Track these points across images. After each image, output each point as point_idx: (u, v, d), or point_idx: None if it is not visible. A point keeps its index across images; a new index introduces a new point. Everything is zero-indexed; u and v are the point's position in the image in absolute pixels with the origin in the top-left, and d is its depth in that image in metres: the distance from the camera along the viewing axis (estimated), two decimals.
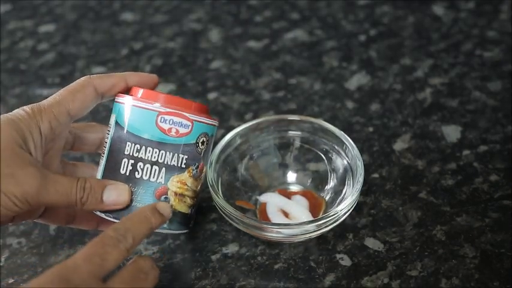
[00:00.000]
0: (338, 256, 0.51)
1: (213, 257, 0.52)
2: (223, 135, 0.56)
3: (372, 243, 0.52)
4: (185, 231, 0.49)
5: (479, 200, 0.55)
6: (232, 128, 0.59)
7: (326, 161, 0.56)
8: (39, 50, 0.79)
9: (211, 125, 0.49)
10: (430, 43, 0.75)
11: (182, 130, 0.47)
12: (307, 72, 0.72)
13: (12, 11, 0.87)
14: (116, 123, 0.47)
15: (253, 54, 0.76)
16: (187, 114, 0.47)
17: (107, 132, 0.48)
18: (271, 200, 0.54)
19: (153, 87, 0.50)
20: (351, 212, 0.51)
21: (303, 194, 0.55)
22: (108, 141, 0.47)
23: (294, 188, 0.57)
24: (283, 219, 0.53)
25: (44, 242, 0.54)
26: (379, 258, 0.51)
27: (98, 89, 0.47)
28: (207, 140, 0.49)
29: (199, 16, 0.83)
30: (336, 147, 0.55)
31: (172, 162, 0.47)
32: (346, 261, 0.51)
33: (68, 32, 0.82)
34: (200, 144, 0.48)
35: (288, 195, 0.55)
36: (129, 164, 0.46)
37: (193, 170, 0.48)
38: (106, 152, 0.47)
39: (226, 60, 0.75)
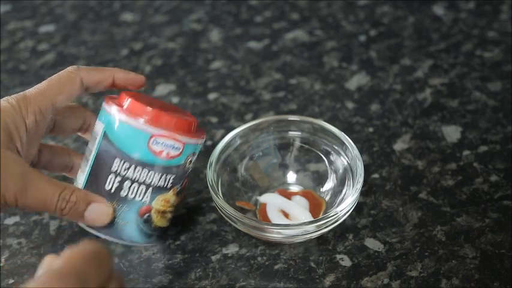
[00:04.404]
0: (338, 256, 0.51)
1: (213, 258, 0.52)
2: (223, 136, 0.56)
3: (372, 243, 0.52)
4: (158, 242, 0.51)
5: (479, 200, 0.55)
6: (232, 128, 0.59)
7: (326, 162, 0.56)
8: (39, 51, 0.79)
9: (200, 143, 0.48)
10: (430, 43, 0.75)
11: (173, 153, 0.46)
12: (308, 72, 0.72)
13: (12, 11, 0.87)
14: (105, 135, 0.45)
15: (253, 55, 0.76)
16: (179, 137, 0.45)
17: (94, 137, 0.46)
18: (271, 201, 0.54)
19: (138, 87, 0.49)
20: (351, 213, 0.51)
21: (303, 194, 0.55)
22: (94, 150, 0.46)
23: (294, 188, 0.57)
24: (283, 220, 0.53)
25: (44, 242, 0.54)
26: (379, 258, 0.51)
27: (84, 83, 0.46)
28: (194, 158, 0.48)
29: (199, 16, 0.83)
30: (336, 147, 0.55)
31: (160, 183, 0.46)
32: (346, 261, 0.51)
33: (68, 32, 0.82)
34: (188, 163, 0.48)
35: (288, 195, 0.55)
36: (116, 181, 0.45)
37: (178, 188, 0.48)
38: (91, 161, 0.46)
39: (226, 60, 0.75)
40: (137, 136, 0.45)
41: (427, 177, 0.58)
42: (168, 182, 0.47)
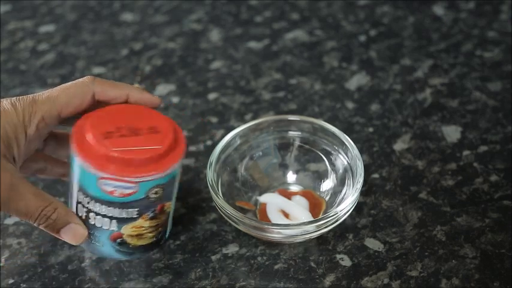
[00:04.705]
0: (338, 256, 0.51)
1: (213, 257, 0.52)
2: (223, 136, 0.56)
3: (372, 243, 0.52)
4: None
5: (479, 200, 0.55)
6: (232, 128, 0.59)
7: (326, 161, 0.56)
8: (39, 51, 0.79)
9: (166, 175, 0.44)
10: (430, 43, 0.75)
11: (127, 191, 0.43)
12: (308, 72, 0.72)
13: (12, 11, 0.87)
14: (71, 165, 0.44)
15: (253, 55, 0.76)
16: (129, 178, 0.42)
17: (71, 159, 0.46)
18: (271, 201, 0.54)
19: (152, 107, 0.48)
20: (351, 212, 0.51)
21: (303, 194, 0.55)
22: (69, 176, 0.45)
23: (294, 188, 0.57)
24: (283, 220, 0.53)
25: (44, 242, 0.54)
26: (379, 258, 0.51)
27: (96, 97, 0.45)
28: (163, 188, 0.45)
29: (199, 16, 0.83)
30: (336, 147, 0.55)
31: (122, 216, 0.45)
32: (346, 261, 0.51)
33: (68, 32, 0.82)
34: (152, 194, 0.45)
35: (288, 195, 0.55)
36: (83, 210, 0.45)
37: (149, 214, 0.46)
38: (69, 185, 0.46)
39: (226, 60, 0.75)
40: (88, 176, 0.43)
41: (427, 177, 0.58)
42: (132, 213, 0.45)
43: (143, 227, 0.46)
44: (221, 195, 0.51)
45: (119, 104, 0.47)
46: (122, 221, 0.45)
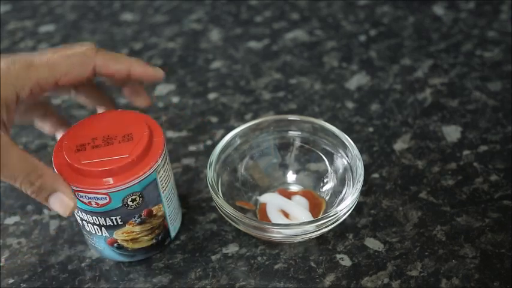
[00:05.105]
0: (338, 256, 0.51)
1: (213, 257, 0.52)
2: (223, 136, 0.56)
3: (372, 243, 0.52)
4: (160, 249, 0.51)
5: (479, 200, 0.55)
6: (232, 128, 0.59)
7: (326, 161, 0.56)
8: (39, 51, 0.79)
9: (139, 182, 0.44)
10: (430, 43, 0.75)
11: (101, 202, 0.44)
12: (308, 72, 0.72)
13: (12, 11, 0.87)
14: None
15: (253, 55, 0.76)
16: (99, 190, 0.43)
17: None
18: (271, 200, 0.54)
19: (154, 81, 0.46)
20: (351, 212, 0.51)
21: (303, 194, 0.55)
22: None
23: (294, 188, 0.57)
24: (283, 220, 0.53)
25: (44, 242, 0.54)
26: (379, 258, 0.51)
27: (96, 69, 0.44)
28: (140, 195, 0.45)
29: (199, 16, 0.83)
30: (336, 147, 0.55)
31: (108, 223, 0.46)
32: (346, 261, 0.51)
33: (68, 32, 0.82)
34: (130, 202, 0.45)
35: (288, 195, 0.55)
36: (78, 218, 0.47)
37: (135, 221, 0.47)
38: None
39: (226, 60, 0.75)
40: None
41: (427, 177, 0.58)
42: (117, 221, 0.46)
43: (134, 231, 0.47)
44: (221, 195, 0.51)
45: (100, 113, 0.48)
46: (110, 228, 0.46)
